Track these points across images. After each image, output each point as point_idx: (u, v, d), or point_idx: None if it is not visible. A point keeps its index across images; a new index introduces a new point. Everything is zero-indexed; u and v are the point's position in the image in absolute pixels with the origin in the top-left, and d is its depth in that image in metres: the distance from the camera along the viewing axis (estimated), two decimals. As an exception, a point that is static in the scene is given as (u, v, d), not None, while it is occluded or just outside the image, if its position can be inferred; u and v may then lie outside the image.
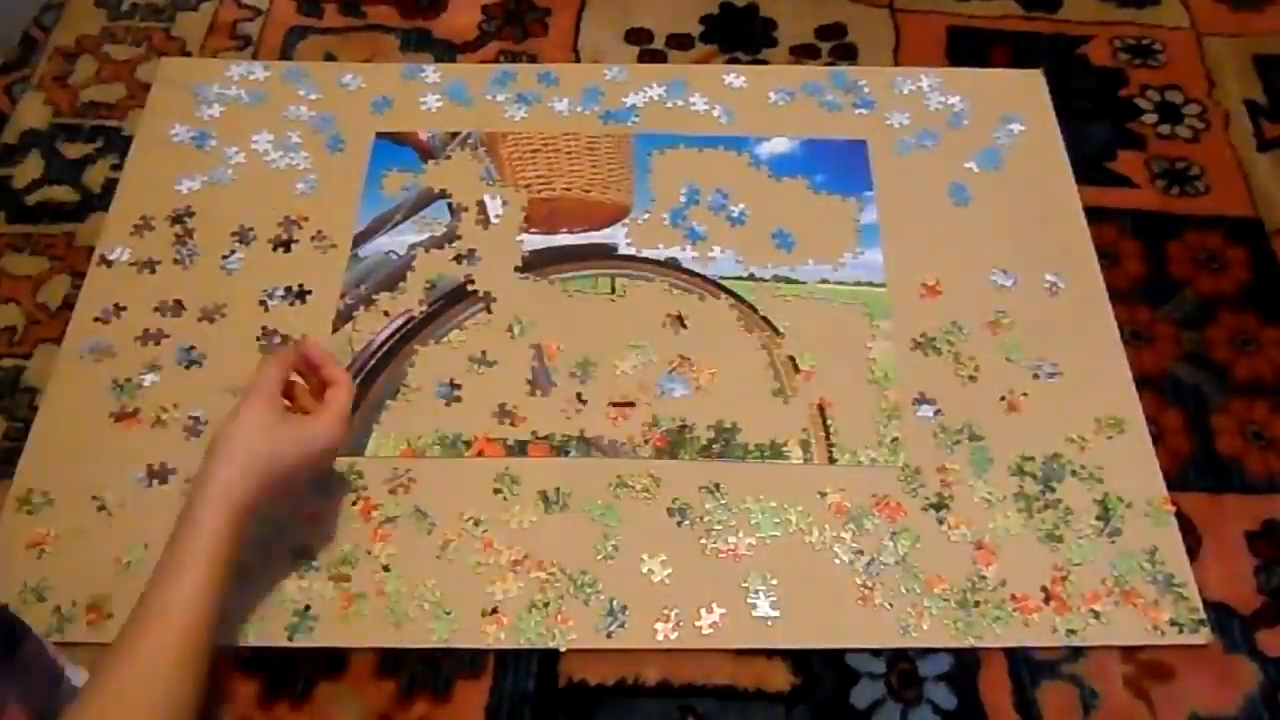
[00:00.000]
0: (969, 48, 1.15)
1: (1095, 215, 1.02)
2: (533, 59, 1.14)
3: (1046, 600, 0.81)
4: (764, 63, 1.14)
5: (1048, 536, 0.84)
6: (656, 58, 1.15)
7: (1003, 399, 0.91)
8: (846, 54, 1.15)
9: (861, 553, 0.82)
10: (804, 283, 0.97)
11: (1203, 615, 0.80)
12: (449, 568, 0.81)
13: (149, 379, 0.90)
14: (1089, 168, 1.05)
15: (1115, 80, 1.13)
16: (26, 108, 1.10)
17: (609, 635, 0.79)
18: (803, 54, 1.15)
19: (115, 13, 1.18)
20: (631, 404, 0.90)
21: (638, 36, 1.17)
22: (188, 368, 0.91)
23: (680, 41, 1.16)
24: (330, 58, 1.14)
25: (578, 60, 1.14)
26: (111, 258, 0.97)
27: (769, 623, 0.79)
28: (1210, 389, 0.93)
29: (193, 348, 0.92)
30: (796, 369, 0.92)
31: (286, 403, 0.76)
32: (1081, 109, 1.10)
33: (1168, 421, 0.91)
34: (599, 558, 0.82)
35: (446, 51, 1.15)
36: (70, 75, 1.12)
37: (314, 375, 0.79)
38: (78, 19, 1.17)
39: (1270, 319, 0.96)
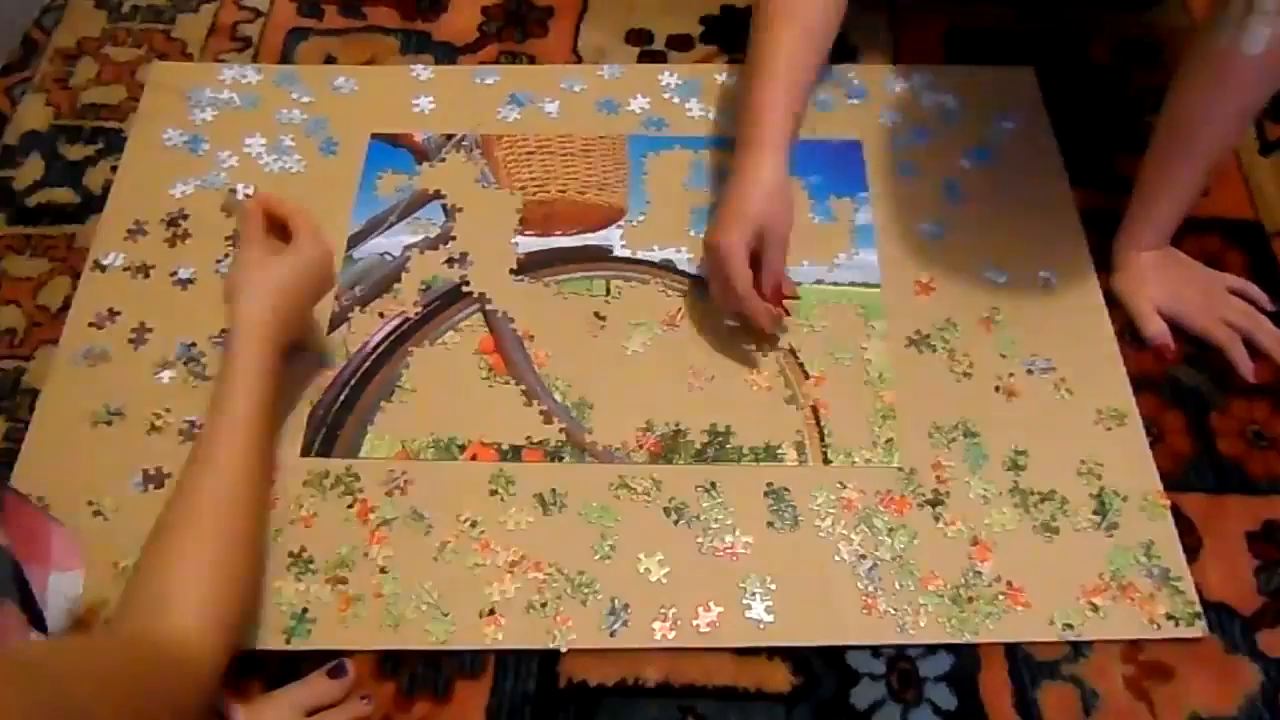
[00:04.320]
0: (968, 49, 1.15)
1: (1096, 216, 1.01)
2: (532, 60, 1.14)
3: (1043, 595, 0.80)
4: (764, 63, 1.14)
5: (1043, 530, 0.84)
6: (657, 58, 1.15)
7: (997, 389, 0.90)
8: (846, 55, 1.15)
9: (858, 551, 0.82)
10: (799, 284, 0.96)
11: (1199, 609, 0.80)
12: (446, 569, 0.81)
13: (144, 384, 0.90)
14: (1089, 169, 1.05)
15: (1115, 80, 1.13)
16: (27, 109, 1.10)
17: (613, 634, 0.79)
18: (802, 55, 1.15)
19: (116, 15, 1.18)
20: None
21: (638, 37, 1.17)
22: (183, 371, 0.91)
23: (680, 42, 1.16)
24: (331, 59, 1.14)
25: (579, 61, 1.14)
26: (105, 263, 0.97)
27: (766, 621, 0.79)
28: (1210, 390, 0.92)
29: (189, 349, 0.92)
30: (806, 375, 0.91)
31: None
32: (1081, 109, 1.10)
33: (1168, 422, 0.90)
34: (596, 558, 0.82)
35: (447, 53, 1.15)
36: (71, 77, 1.13)
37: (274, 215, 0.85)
38: (78, 21, 1.18)
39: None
